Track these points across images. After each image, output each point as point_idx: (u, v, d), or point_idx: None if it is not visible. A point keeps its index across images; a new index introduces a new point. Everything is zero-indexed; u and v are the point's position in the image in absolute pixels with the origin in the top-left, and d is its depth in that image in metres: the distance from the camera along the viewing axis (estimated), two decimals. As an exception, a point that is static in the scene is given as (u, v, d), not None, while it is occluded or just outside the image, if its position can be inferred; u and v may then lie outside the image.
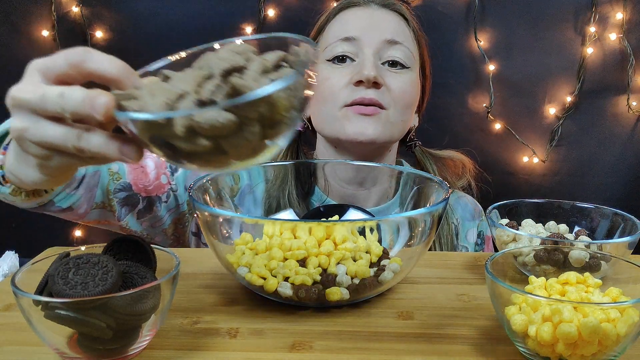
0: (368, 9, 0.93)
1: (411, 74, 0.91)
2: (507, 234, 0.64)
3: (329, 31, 0.93)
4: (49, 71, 0.44)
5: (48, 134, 0.43)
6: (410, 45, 0.92)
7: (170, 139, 0.40)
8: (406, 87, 0.90)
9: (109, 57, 0.44)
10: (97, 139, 0.43)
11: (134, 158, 0.43)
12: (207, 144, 0.39)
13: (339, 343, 0.52)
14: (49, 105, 0.43)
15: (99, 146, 0.43)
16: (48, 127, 0.43)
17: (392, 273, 0.59)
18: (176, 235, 0.93)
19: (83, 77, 0.44)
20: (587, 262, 0.57)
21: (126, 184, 0.84)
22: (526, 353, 0.49)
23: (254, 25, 1.62)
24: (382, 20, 0.91)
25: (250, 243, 0.63)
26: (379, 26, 0.90)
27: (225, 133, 0.39)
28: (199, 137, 0.39)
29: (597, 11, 1.62)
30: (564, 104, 1.69)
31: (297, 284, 0.57)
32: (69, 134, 0.43)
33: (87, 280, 0.45)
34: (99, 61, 0.44)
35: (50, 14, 1.62)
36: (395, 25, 0.92)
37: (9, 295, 0.56)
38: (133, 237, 0.53)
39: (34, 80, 0.45)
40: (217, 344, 0.52)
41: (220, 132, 0.39)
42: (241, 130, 0.39)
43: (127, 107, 0.41)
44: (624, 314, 0.45)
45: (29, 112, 0.44)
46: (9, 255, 1.12)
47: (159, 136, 0.40)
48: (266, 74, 0.41)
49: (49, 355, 0.49)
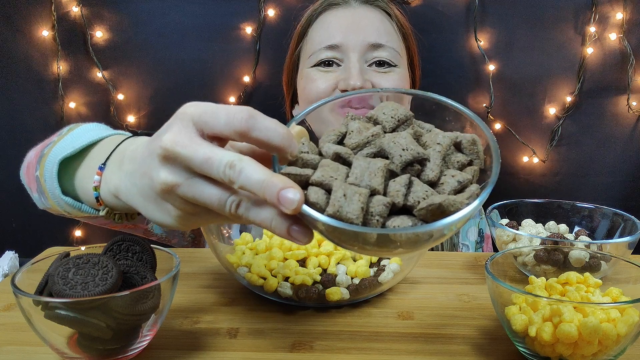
0: (349, 9, 0.91)
1: (399, 70, 0.91)
2: (507, 234, 0.63)
3: (312, 36, 0.93)
4: (207, 128, 0.40)
5: (204, 195, 0.39)
6: (395, 44, 0.91)
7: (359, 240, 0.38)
8: (396, 83, 0.90)
9: (274, 125, 0.40)
10: (266, 214, 0.39)
11: (303, 242, 0.39)
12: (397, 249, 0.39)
13: (339, 343, 0.52)
14: (214, 172, 0.38)
15: (265, 221, 0.39)
16: (205, 187, 0.39)
17: (392, 273, 0.59)
18: (192, 236, 0.93)
19: (244, 140, 0.40)
20: (587, 262, 0.57)
21: None
22: (526, 353, 0.49)
23: (254, 25, 1.62)
24: (364, 20, 0.90)
25: (250, 243, 0.63)
26: (362, 28, 0.89)
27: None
28: (390, 243, 0.38)
29: (597, 11, 1.62)
30: (564, 104, 1.69)
31: (297, 284, 0.57)
32: (228, 199, 0.39)
33: (87, 280, 0.45)
34: (265, 129, 0.39)
35: (50, 14, 1.62)
36: (378, 25, 0.90)
37: (9, 295, 0.56)
38: (133, 237, 0.53)
39: (189, 134, 0.40)
40: (217, 344, 0.52)
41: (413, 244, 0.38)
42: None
43: (315, 202, 0.38)
44: (624, 314, 0.45)
45: (184, 168, 0.40)
46: (9, 255, 1.12)
47: (345, 239, 0.38)
48: (455, 179, 0.39)
49: (49, 355, 0.49)
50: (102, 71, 1.64)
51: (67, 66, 1.65)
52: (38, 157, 0.68)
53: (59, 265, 0.46)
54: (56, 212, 0.68)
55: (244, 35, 1.62)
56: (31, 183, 0.72)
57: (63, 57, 1.64)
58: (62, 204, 0.59)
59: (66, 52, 1.64)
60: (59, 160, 0.58)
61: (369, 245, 0.38)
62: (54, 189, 0.58)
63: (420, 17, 1.64)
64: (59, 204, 0.61)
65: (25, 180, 0.74)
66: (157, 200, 0.43)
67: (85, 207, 0.57)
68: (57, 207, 0.62)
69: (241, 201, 0.39)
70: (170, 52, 1.63)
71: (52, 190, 0.59)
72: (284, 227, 0.38)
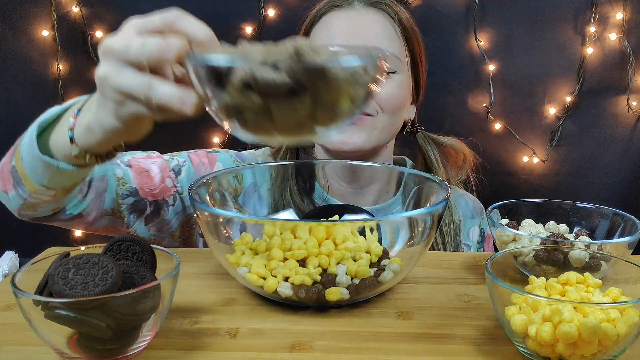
0: (351, 11, 0.90)
1: (399, 76, 0.90)
2: (507, 234, 0.63)
3: (314, 37, 0.92)
4: (143, 26, 0.48)
5: (126, 81, 0.48)
6: (397, 48, 0.90)
7: (227, 90, 0.43)
8: (393, 92, 0.89)
9: (199, 23, 0.48)
10: (165, 88, 0.47)
11: (192, 108, 0.47)
12: (257, 100, 0.43)
13: (339, 343, 0.52)
14: (131, 53, 0.47)
15: (165, 95, 0.47)
16: (127, 74, 0.48)
17: (392, 273, 0.59)
18: (183, 237, 0.93)
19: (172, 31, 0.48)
20: (587, 262, 0.57)
21: (132, 189, 0.83)
22: (526, 353, 0.49)
23: (254, 25, 1.62)
24: (365, 24, 0.89)
25: (250, 243, 0.63)
26: (363, 33, 0.89)
27: (276, 93, 0.42)
28: (252, 93, 0.42)
29: (597, 11, 1.62)
30: (564, 104, 1.69)
31: (297, 284, 0.57)
32: (142, 82, 0.47)
33: (87, 280, 0.45)
34: (190, 23, 0.48)
35: (50, 14, 1.62)
36: (379, 29, 0.90)
37: (9, 295, 0.56)
38: (133, 237, 0.53)
39: (126, 32, 0.49)
40: (217, 344, 0.52)
41: (273, 90, 0.41)
42: (292, 98, 0.42)
43: (197, 52, 0.46)
44: (624, 314, 0.45)
45: (114, 60, 0.48)
46: (9, 255, 1.12)
47: (217, 85, 0.44)
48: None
49: (49, 355, 0.49)
50: (102, 71, 1.64)
51: (67, 66, 1.65)
52: (12, 153, 0.70)
53: (59, 265, 0.46)
54: (33, 201, 0.70)
55: (244, 35, 1.62)
56: (6, 183, 0.72)
57: (63, 57, 1.64)
58: (40, 171, 0.64)
59: (66, 52, 1.64)
60: (37, 124, 0.64)
61: (239, 94, 0.43)
62: (32, 151, 0.63)
63: (420, 17, 1.64)
64: (36, 177, 0.65)
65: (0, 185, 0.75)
66: (100, 101, 0.52)
67: (62, 164, 0.63)
68: (34, 183, 0.66)
69: (151, 82, 0.47)
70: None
71: (30, 158, 0.64)
72: (178, 96, 0.47)
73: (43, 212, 0.75)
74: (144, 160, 0.87)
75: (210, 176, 0.69)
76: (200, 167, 0.93)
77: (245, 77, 0.42)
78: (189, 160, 0.92)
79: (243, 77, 0.42)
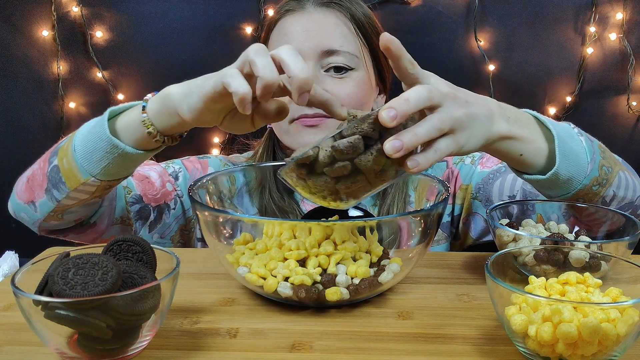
0: (303, 14, 0.90)
1: (357, 73, 0.90)
2: (507, 234, 0.63)
3: (271, 44, 0.92)
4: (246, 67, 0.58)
5: (242, 88, 0.56)
6: (352, 46, 0.89)
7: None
8: (351, 90, 0.89)
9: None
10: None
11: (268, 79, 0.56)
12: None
13: (339, 343, 0.52)
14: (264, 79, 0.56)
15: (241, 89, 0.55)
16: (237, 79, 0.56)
17: (392, 273, 0.59)
18: (182, 242, 0.94)
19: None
20: (587, 262, 0.57)
21: (137, 196, 0.85)
22: (526, 353, 0.49)
23: (254, 25, 1.62)
24: (318, 26, 0.89)
25: (250, 243, 0.63)
26: (316, 35, 0.88)
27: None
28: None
29: (597, 11, 1.62)
30: (564, 104, 1.69)
31: (297, 284, 0.57)
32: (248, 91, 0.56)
33: (87, 280, 0.45)
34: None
35: (50, 14, 1.62)
36: (332, 29, 0.89)
37: (9, 295, 0.56)
38: (133, 237, 0.53)
39: (266, 59, 0.57)
40: (217, 344, 0.52)
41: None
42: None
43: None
44: (624, 314, 0.45)
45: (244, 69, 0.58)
46: (9, 255, 1.12)
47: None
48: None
49: (49, 355, 0.49)
50: (102, 71, 1.64)
51: (67, 66, 1.65)
52: (48, 157, 0.70)
53: (59, 265, 0.46)
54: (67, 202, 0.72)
55: (244, 35, 1.62)
56: (36, 190, 0.73)
57: (63, 57, 1.64)
58: (97, 158, 0.68)
59: (66, 52, 1.64)
60: (108, 110, 0.70)
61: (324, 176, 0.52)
62: (98, 136, 0.68)
63: (420, 17, 1.64)
64: (89, 166, 0.69)
65: (24, 197, 0.76)
66: (192, 92, 0.61)
67: (129, 148, 0.67)
68: (82, 176, 0.69)
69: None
70: (170, 52, 1.63)
71: (92, 144, 0.68)
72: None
73: (67, 223, 0.77)
74: (141, 168, 0.89)
75: (209, 177, 0.69)
76: (194, 172, 0.95)
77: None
78: (184, 167, 0.95)
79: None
